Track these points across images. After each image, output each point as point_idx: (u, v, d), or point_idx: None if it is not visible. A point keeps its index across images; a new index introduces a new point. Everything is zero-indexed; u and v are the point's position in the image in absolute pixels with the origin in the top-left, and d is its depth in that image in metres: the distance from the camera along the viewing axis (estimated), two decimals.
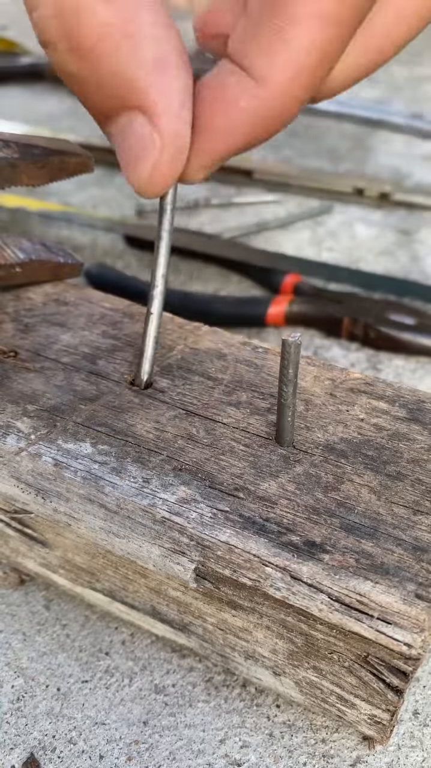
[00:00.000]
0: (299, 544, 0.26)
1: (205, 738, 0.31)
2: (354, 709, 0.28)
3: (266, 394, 0.33)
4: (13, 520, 0.32)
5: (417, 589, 0.25)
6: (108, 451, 0.30)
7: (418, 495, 0.28)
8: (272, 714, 0.31)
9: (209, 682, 0.33)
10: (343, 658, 0.26)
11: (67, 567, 0.33)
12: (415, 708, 0.32)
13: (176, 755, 0.30)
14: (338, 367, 0.35)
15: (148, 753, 0.30)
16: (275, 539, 0.26)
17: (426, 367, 0.51)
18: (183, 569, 0.26)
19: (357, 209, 0.71)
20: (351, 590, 0.25)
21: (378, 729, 0.28)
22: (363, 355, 0.52)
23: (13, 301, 0.40)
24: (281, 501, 0.28)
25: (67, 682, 0.33)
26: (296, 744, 0.30)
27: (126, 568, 0.30)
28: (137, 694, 0.32)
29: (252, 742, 0.30)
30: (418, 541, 0.27)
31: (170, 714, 0.31)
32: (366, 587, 0.25)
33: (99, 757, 0.30)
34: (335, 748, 0.30)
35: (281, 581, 0.25)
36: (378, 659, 0.25)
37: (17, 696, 0.32)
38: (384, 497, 0.28)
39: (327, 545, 0.26)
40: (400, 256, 0.64)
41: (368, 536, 0.27)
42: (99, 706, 0.32)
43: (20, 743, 0.31)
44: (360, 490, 0.29)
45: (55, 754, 0.30)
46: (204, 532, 0.27)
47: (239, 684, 0.33)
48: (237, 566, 0.26)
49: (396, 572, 0.25)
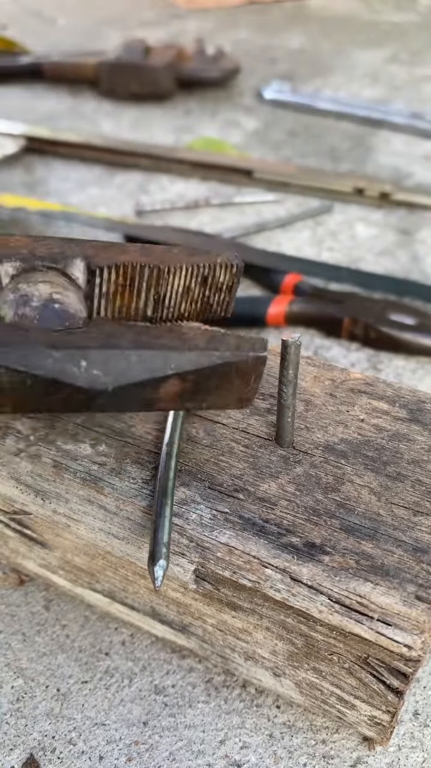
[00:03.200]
0: (299, 546, 0.26)
1: (205, 739, 0.31)
2: (354, 710, 0.28)
3: (266, 394, 0.33)
4: (13, 521, 0.32)
5: (418, 590, 0.25)
6: (107, 452, 0.30)
7: (419, 496, 0.28)
8: (272, 715, 0.31)
9: (209, 683, 0.33)
10: (343, 660, 0.26)
11: (66, 568, 0.33)
12: (415, 709, 0.32)
13: (176, 756, 0.30)
14: (338, 368, 0.35)
15: (148, 754, 0.30)
16: (275, 540, 0.26)
17: (426, 367, 0.51)
18: (183, 570, 0.26)
19: (357, 209, 0.71)
20: (351, 592, 0.25)
21: (378, 730, 0.28)
22: (363, 355, 0.52)
23: None
24: (281, 502, 0.28)
25: (66, 682, 0.33)
26: (297, 745, 0.30)
27: (126, 569, 0.30)
28: (136, 694, 0.32)
29: (252, 743, 0.30)
30: (418, 542, 0.26)
31: (170, 715, 0.31)
32: (366, 589, 0.25)
33: (99, 757, 0.30)
34: (335, 748, 0.30)
35: (281, 583, 0.25)
36: (378, 661, 0.25)
37: (17, 697, 0.32)
38: (384, 498, 0.28)
39: (327, 546, 0.26)
40: (400, 255, 0.64)
41: (368, 537, 0.27)
42: (99, 706, 0.32)
43: (20, 744, 0.31)
44: (360, 491, 0.28)
45: (55, 754, 0.30)
46: (204, 533, 0.27)
47: (239, 685, 0.32)
48: (237, 568, 0.26)
49: (396, 574, 0.25)
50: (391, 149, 0.84)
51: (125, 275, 0.27)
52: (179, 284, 0.28)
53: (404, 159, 0.81)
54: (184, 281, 0.28)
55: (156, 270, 0.27)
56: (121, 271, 0.27)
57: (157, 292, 0.28)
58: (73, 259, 0.27)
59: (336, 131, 0.89)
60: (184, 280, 0.28)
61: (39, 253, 0.26)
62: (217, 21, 1.25)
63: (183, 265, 0.28)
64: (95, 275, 0.27)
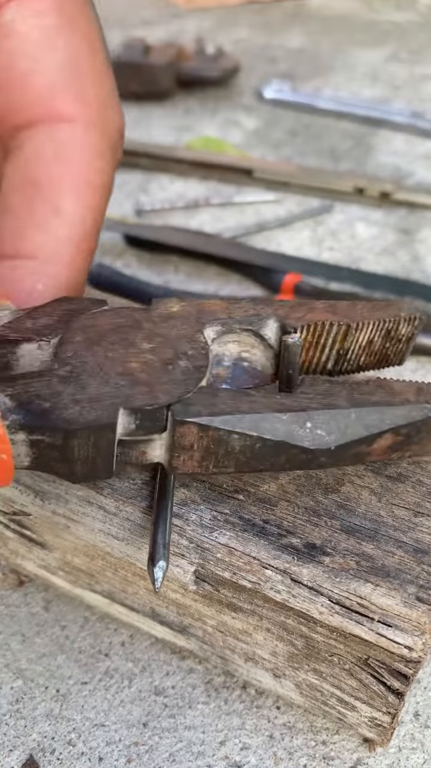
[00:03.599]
0: (300, 547, 0.26)
1: (205, 740, 0.31)
2: (355, 711, 0.28)
3: None
4: (12, 522, 0.32)
5: (418, 591, 0.25)
6: None
7: (419, 497, 0.28)
8: (273, 716, 0.31)
9: (209, 684, 0.33)
10: (343, 661, 0.26)
11: (66, 569, 0.33)
12: (416, 710, 0.32)
13: (176, 757, 0.30)
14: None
15: (147, 755, 0.30)
16: (275, 541, 0.26)
17: (426, 367, 0.51)
18: (183, 571, 0.26)
19: (357, 208, 0.71)
20: (352, 593, 0.25)
21: (379, 731, 0.28)
22: None
23: None
24: (281, 503, 0.28)
25: (66, 683, 0.33)
26: (297, 746, 0.30)
27: (125, 570, 0.30)
28: (136, 695, 0.32)
29: (252, 744, 0.30)
30: (419, 543, 0.26)
31: (170, 716, 0.31)
32: (367, 590, 0.25)
33: (98, 759, 0.30)
34: (335, 750, 0.30)
35: (281, 584, 0.25)
36: (378, 662, 0.25)
37: (16, 697, 0.32)
38: (384, 499, 0.28)
39: (328, 547, 0.26)
40: (401, 255, 0.64)
41: (368, 538, 0.27)
42: (98, 707, 0.32)
43: (19, 745, 0.30)
44: (361, 491, 0.28)
45: (55, 755, 0.30)
46: (204, 534, 0.27)
47: (239, 686, 0.32)
48: (237, 569, 0.26)
49: (396, 575, 0.25)
50: (392, 148, 0.84)
51: (314, 332, 0.28)
52: (363, 339, 0.29)
53: (404, 158, 0.81)
54: (368, 335, 0.29)
55: (345, 327, 0.28)
56: (311, 329, 0.28)
57: (342, 347, 0.29)
58: (266, 320, 0.28)
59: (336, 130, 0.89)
60: (368, 335, 0.29)
61: (235, 316, 0.28)
62: (217, 20, 1.25)
63: (370, 321, 0.29)
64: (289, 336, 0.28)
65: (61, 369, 0.24)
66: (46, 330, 0.26)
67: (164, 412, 0.24)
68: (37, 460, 0.24)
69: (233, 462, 0.25)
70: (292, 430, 0.25)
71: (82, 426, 0.23)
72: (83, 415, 0.23)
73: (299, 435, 0.25)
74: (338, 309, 0.29)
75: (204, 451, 0.25)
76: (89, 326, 0.26)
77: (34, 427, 0.23)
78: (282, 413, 0.25)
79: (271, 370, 0.29)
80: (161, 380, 0.24)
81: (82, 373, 0.24)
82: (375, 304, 0.30)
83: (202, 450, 0.25)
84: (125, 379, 0.24)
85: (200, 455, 0.25)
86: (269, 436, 0.24)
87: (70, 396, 0.23)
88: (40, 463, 0.24)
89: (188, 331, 0.27)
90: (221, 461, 0.25)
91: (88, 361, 0.25)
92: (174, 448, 0.25)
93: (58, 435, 0.23)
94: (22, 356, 0.25)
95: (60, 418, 0.23)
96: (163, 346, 0.26)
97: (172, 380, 0.25)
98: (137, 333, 0.26)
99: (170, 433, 0.24)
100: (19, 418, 0.23)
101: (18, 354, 0.25)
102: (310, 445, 0.25)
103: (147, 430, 0.24)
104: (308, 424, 0.25)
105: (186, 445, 0.24)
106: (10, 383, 0.23)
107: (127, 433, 0.24)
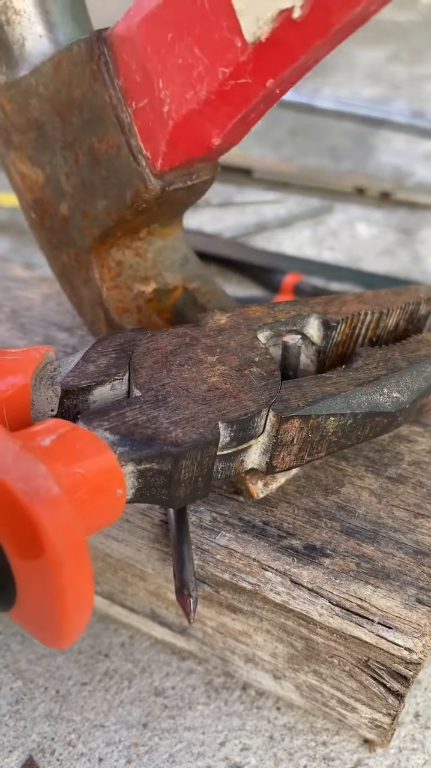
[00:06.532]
0: (300, 548, 0.26)
1: (205, 741, 0.31)
2: (355, 712, 0.28)
3: None
4: None
5: (418, 593, 0.25)
6: None
7: (419, 498, 0.28)
8: (273, 717, 0.31)
9: (208, 685, 0.32)
10: (344, 663, 0.26)
11: None
12: (416, 710, 0.32)
13: (176, 758, 0.30)
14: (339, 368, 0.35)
15: (147, 756, 0.30)
16: (275, 543, 0.26)
17: None
18: None
19: (357, 208, 0.71)
20: (352, 595, 0.25)
21: (379, 732, 0.28)
22: None
23: (10, 302, 0.40)
24: (281, 504, 0.28)
25: (66, 684, 0.33)
26: (297, 747, 0.30)
27: (125, 572, 0.30)
28: (136, 696, 0.32)
29: (252, 745, 0.30)
30: (419, 544, 0.26)
31: (170, 716, 0.31)
32: (367, 591, 0.25)
33: (98, 759, 0.30)
34: (335, 750, 0.30)
35: (281, 585, 0.25)
36: (378, 663, 0.25)
37: (16, 698, 0.32)
38: (384, 500, 0.28)
39: (328, 549, 0.26)
40: (401, 255, 0.64)
41: (369, 540, 0.27)
42: (98, 708, 0.32)
43: (19, 745, 0.30)
44: (361, 492, 0.28)
45: (54, 756, 0.30)
46: (204, 536, 0.27)
47: (239, 687, 0.32)
48: (237, 570, 0.26)
49: (396, 576, 0.25)
50: (392, 148, 0.84)
51: (351, 324, 0.29)
52: (391, 323, 0.30)
53: (405, 158, 0.81)
54: (396, 319, 0.30)
55: (378, 314, 0.30)
56: (349, 320, 0.29)
57: (374, 334, 0.30)
58: (308, 319, 0.29)
59: (337, 130, 0.89)
60: (396, 318, 0.30)
61: (280, 319, 0.29)
62: None
63: (397, 306, 0.30)
64: (332, 330, 0.29)
65: (145, 395, 0.24)
66: (112, 369, 0.25)
67: (256, 418, 0.24)
68: (140, 491, 0.23)
69: (326, 446, 0.26)
70: (375, 399, 0.26)
71: (190, 446, 0.22)
72: (188, 434, 0.23)
73: (381, 402, 0.26)
74: (365, 298, 0.30)
75: (302, 443, 0.25)
76: (152, 350, 0.26)
77: (142, 457, 0.22)
78: (362, 386, 0.26)
79: (313, 367, 0.30)
80: (243, 389, 0.25)
81: (167, 395, 0.24)
82: (395, 290, 0.31)
83: (300, 442, 0.25)
84: (211, 394, 0.24)
85: (298, 448, 0.25)
86: (358, 410, 0.26)
87: (167, 419, 0.23)
88: (143, 495, 0.23)
89: (245, 340, 0.27)
90: (316, 448, 0.26)
91: (166, 383, 0.25)
92: (275, 447, 0.25)
93: (167, 460, 0.22)
94: (94, 402, 0.25)
95: (167, 442, 0.22)
96: (228, 357, 0.26)
97: (253, 387, 0.25)
98: (198, 349, 0.27)
99: (270, 434, 0.25)
100: (126, 450, 0.22)
101: (90, 400, 0.25)
102: (392, 408, 0.26)
103: (241, 439, 0.24)
104: (385, 390, 0.26)
105: (288, 440, 0.25)
106: (104, 417, 0.23)
107: (223, 447, 0.24)
